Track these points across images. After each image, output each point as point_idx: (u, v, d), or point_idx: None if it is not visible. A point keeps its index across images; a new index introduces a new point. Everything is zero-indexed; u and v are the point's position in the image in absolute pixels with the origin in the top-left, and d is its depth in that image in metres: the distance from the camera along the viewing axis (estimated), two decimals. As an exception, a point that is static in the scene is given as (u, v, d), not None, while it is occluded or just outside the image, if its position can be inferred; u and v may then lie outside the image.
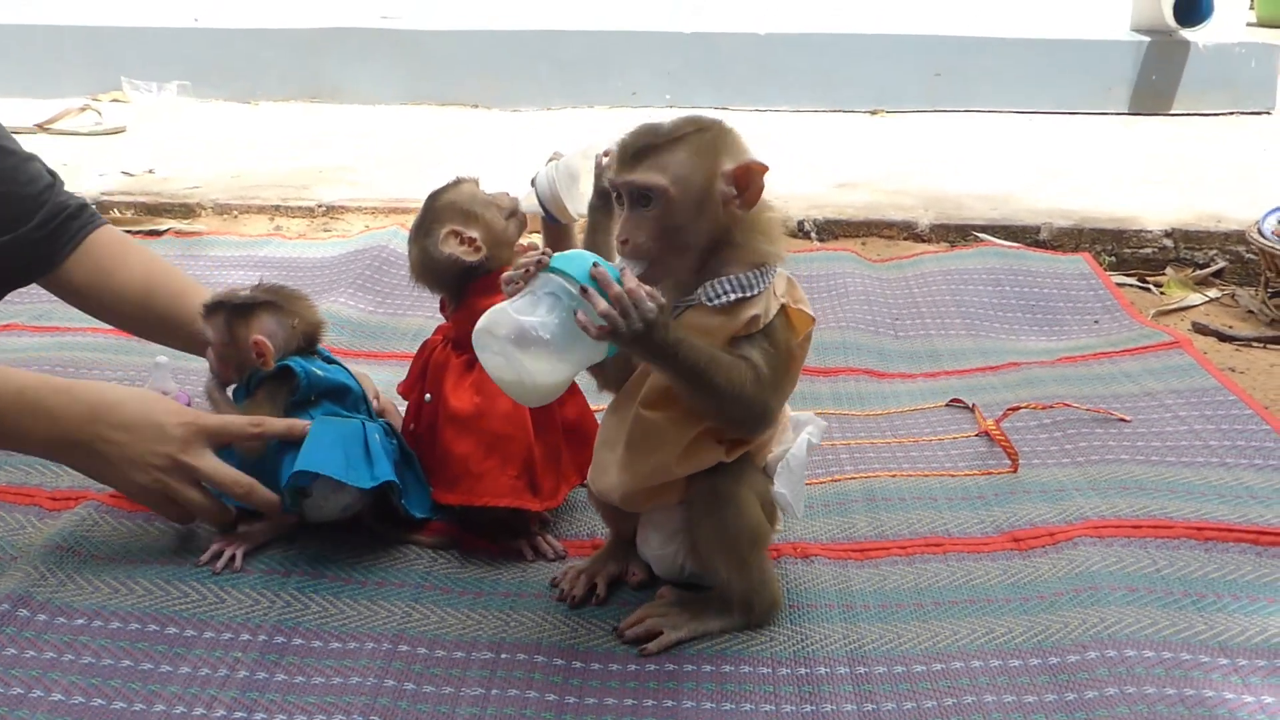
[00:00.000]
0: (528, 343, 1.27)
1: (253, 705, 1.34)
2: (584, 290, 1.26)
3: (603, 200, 1.55)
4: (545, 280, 1.29)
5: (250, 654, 1.43)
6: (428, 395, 1.73)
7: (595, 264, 1.26)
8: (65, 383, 1.61)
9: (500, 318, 1.29)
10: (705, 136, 1.37)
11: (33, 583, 1.52)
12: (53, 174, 1.97)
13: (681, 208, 1.34)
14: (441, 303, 1.78)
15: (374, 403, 1.78)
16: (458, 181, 1.75)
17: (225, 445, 1.62)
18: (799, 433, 1.50)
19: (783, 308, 1.39)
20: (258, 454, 1.63)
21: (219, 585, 1.56)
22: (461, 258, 1.66)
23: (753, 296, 1.37)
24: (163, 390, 1.90)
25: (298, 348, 1.72)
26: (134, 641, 1.44)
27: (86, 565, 1.58)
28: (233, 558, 1.61)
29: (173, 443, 1.56)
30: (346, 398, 1.73)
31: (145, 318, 1.96)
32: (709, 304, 1.37)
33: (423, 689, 1.37)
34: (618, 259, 1.36)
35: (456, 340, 1.72)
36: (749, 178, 1.35)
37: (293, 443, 1.60)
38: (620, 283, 1.26)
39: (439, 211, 1.69)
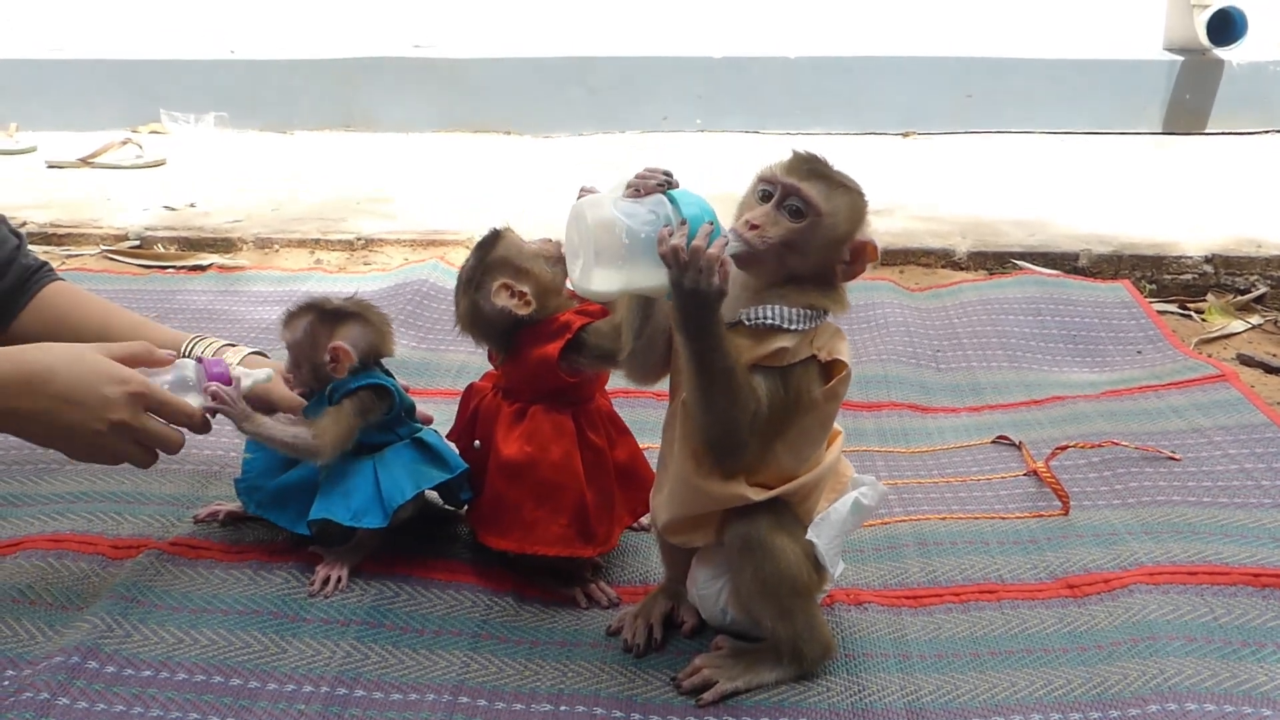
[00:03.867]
0: (608, 236, 1.31)
1: (319, 760, 1.35)
2: (681, 224, 1.30)
3: None
4: (658, 200, 1.34)
5: (314, 706, 1.45)
6: (476, 442, 1.76)
7: (675, 212, 1.32)
8: None
9: (601, 202, 1.34)
10: (860, 200, 1.44)
11: (100, 634, 1.54)
12: (18, 234, 2.01)
13: (817, 239, 1.39)
14: (490, 352, 1.79)
15: None
16: (501, 233, 1.76)
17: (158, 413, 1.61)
18: (855, 491, 1.50)
19: (813, 359, 1.41)
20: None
21: (280, 635, 1.58)
22: (515, 310, 1.68)
23: (788, 330, 1.39)
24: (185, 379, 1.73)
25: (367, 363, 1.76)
26: (200, 693, 1.46)
27: (151, 615, 1.60)
28: (339, 579, 1.68)
29: (118, 409, 1.54)
30: (414, 414, 1.83)
31: None
32: (746, 323, 1.40)
33: (484, 742, 1.39)
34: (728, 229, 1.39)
35: (507, 390, 1.74)
36: (864, 255, 1.42)
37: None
38: (709, 244, 1.29)
39: (490, 266, 1.71)
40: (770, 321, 1.39)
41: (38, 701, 1.40)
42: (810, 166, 1.42)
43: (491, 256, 1.72)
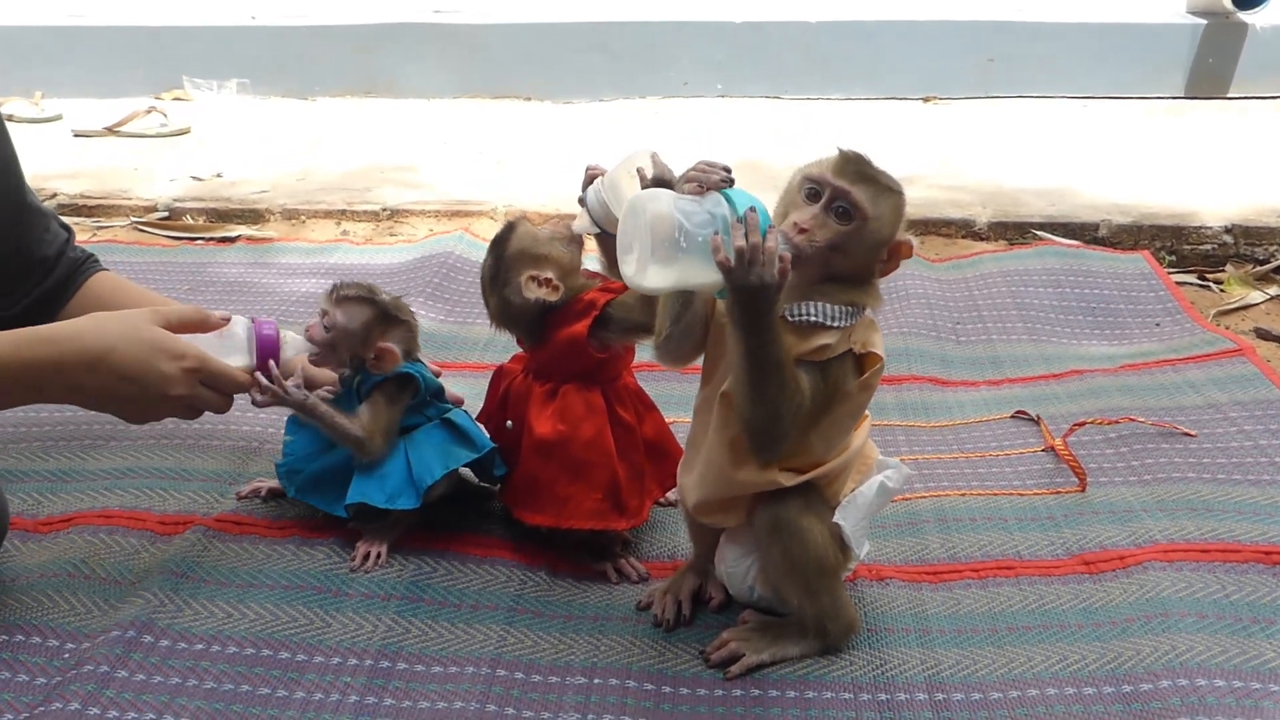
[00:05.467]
0: (665, 234, 1.32)
1: (365, 730, 1.42)
2: (737, 223, 1.32)
3: None
4: (715, 199, 1.36)
5: (359, 678, 1.51)
6: (509, 422, 1.81)
7: (752, 209, 1.33)
8: (47, 331, 1.58)
9: (662, 197, 1.36)
10: (902, 202, 1.46)
11: (153, 609, 1.61)
12: (67, 228, 2.06)
13: (864, 242, 1.43)
14: (519, 338, 1.84)
15: None
16: (514, 225, 1.80)
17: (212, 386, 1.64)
18: (880, 474, 1.55)
19: (850, 353, 1.46)
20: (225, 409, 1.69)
21: (324, 610, 1.65)
22: (545, 299, 1.72)
23: (830, 327, 1.43)
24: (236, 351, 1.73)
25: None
26: (250, 666, 1.53)
27: (200, 590, 1.67)
28: (378, 555, 1.75)
29: (176, 385, 1.58)
30: (442, 395, 1.88)
31: None
32: (789, 319, 1.44)
33: (522, 714, 1.45)
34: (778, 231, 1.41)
35: (538, 371, 1.79)
36: (899, 254, 1.46)
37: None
38: (764, 238, 1.32)
39: (511, 261, 1.75)
40: (814, 319, 1.43)
41: (98, 674, 1.47)
42: (858, 168, 1.43)
43: (509, 251, 1.76)
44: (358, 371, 1.79)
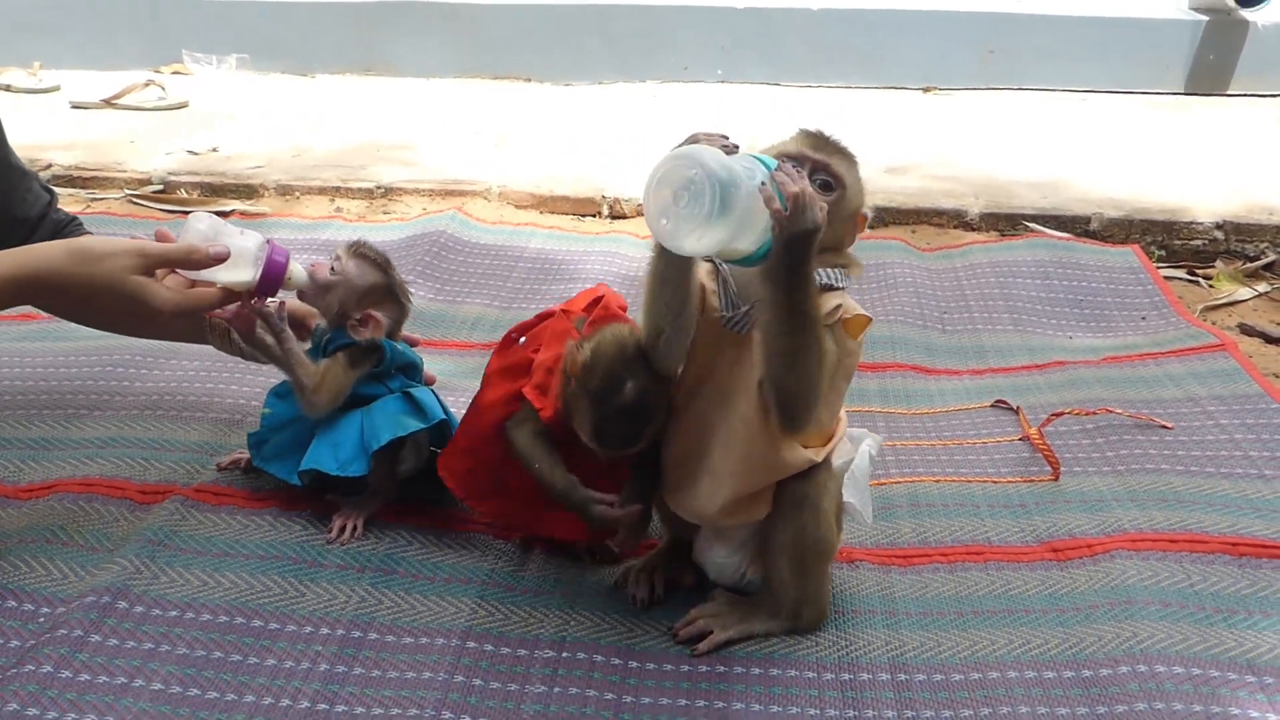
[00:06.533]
0: (717, 184, 1.25)
1: (334, 697, 1.44)
2: (778, 172, 1.32)
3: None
4: (744, 156, 1.35)
5: (330, 647, 1.53)
6: None
7: (781, 159, 1.37)
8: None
9: (711, 150, 1.30)
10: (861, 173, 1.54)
11: (129, 575, 1.63)
12: (49, 190, 2.07)
13: (842, 209, 1.49)
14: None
15: None
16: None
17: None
18: (857, 446, 1.58)
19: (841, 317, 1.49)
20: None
21: (299, 580, 1.67)
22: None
23: (838, 288, 1.48)
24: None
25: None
26: (223, 634, 1.55)
27: (177, 558, 1.69)
28: (355, 528, 1.77)
29: (124, 284, 1.56)
30: (415, 373, 1.89)
31: None
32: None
33: (490, 685, 1.47)
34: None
35: None
36: (860, 224, 1.55)
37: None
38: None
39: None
40: (825, 281, 1.46)
41: (72, 638, 1.49)
42: (829, 142, 1.51)
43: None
44: (335, 327, 1.80)
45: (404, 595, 1.65)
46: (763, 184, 1.30)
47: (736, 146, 1.39)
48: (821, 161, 1.48)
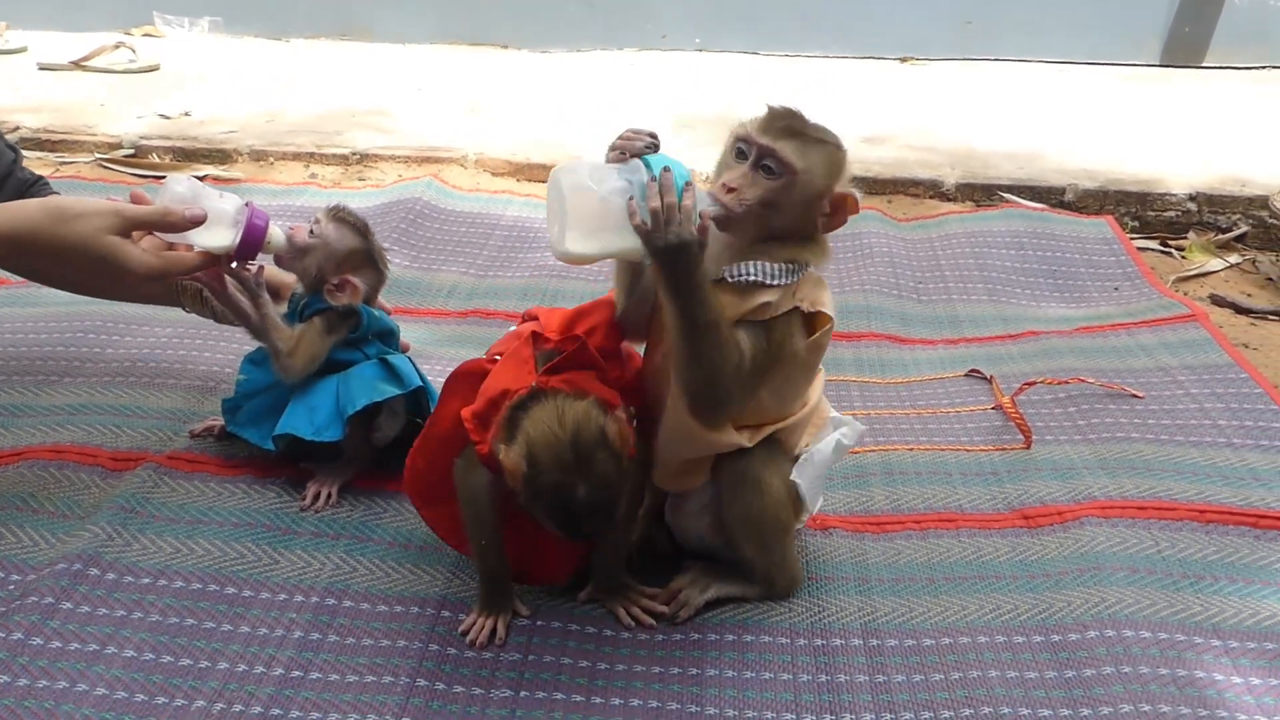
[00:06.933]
0: (581, 204, 1.34)
1: (308, 665, 1.44)
2: (651, 182, 1.33)
3: None
4: (635, 166, 1.37)
5: (304, 615, 1.53)
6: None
7: (666, 169, 1.34)
8: None
9: (579, 169, 1.37)
10: (837, 154, 1.45)
11: (101, 543, 1.62)
12: (14, 149, 2.03)
13: (794, 197, 1.42)
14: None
15: None
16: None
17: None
18: (836, 431, 1.58)
19: (796, 310, 1.45)
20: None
21: (273, 547, 1.66)
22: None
23: (770, 285, 1.43)
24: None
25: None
26: (196, 601, 1.55)
27: (149, 526, 1.68)
28: (329, 495, 1.77)
29: (98, 246, 1.54)
30: (392, 340, 1.89)
31: None
32: (730, 280, 1.43)
33: (465, 653, 1.48)
34: (705, 196, 1.41)
35: None
36: (845, 207, 1.44)
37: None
38: (680, 199, 1.33)
39: None
40: (753, 278, 1.42)
41: (42, 605, 1.49)
42: (786, 123, 1.42)
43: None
44: (311, 291, 1.79)
45: (379, 563, 1.65)
46: (630, 198, 1.33)
47: (655, 146, 1.40)
48: (766, 147, 1.40)
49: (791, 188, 1.41)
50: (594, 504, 1.37)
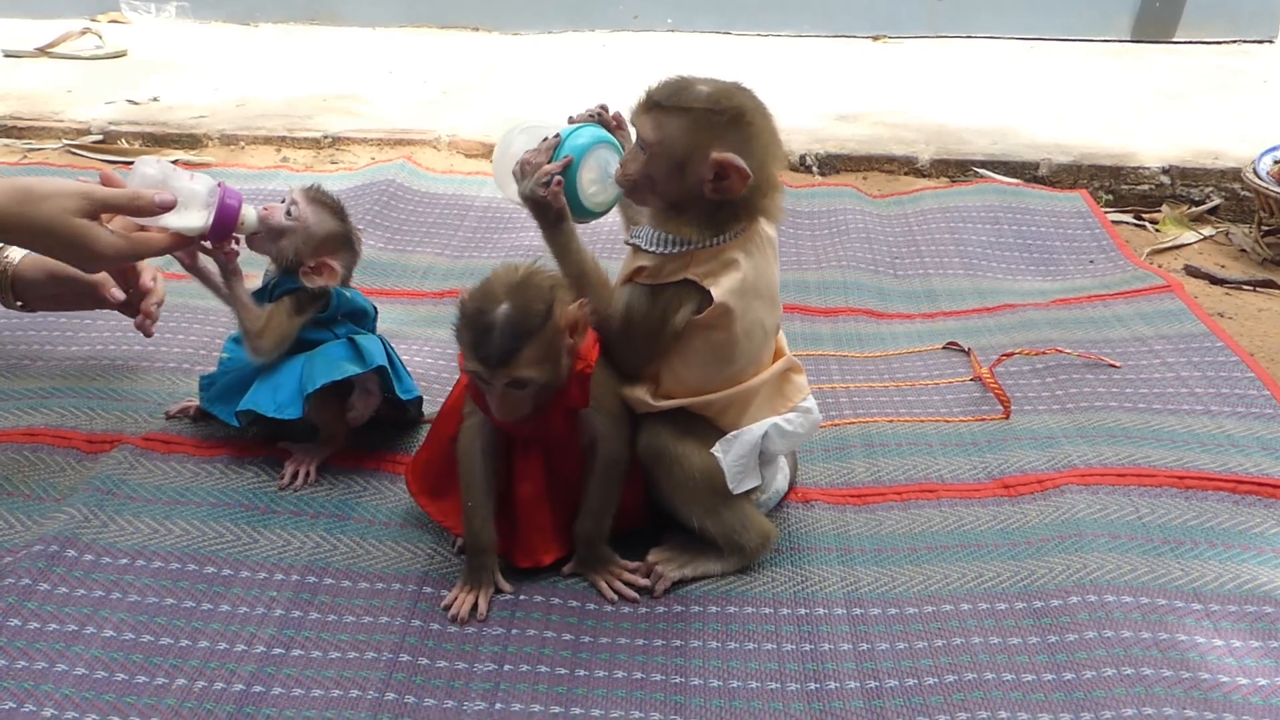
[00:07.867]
0: (503, 150, 1.58)
1: (290, 642, 1.43)
2: (542, 142, 1.52)
3: None
4: (563, 131, 1.55)
5: (285, 593, 1.52)
6: None
7: (558, 135, 1.52)
8: None
9: (531, 129, 1.57)
10: (713, 117, 1.44)
11: (77, 525, 1.60)
12: None
13: (660, 165, 1.46)
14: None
15: None
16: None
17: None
18: (806, 419, 1.61)
19: (689, 283, 1.47)
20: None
21: (251, 526, 1.65)
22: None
23: (646, 250, 1.50)
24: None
25: None
26: (176, 580, 1.53)
27: (126, 507, 1.66)
28: (307, 474, 1.76)
29: (67, 227, 1.53)
30: (365, 320, 1.87)
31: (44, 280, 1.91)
32: (627, 241, 1.55)
33: (447, 629, 1.47)
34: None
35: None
36: (727, 172, 1.43)
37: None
38: (560, 162, 1.49)
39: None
40: (634, 242, 1.53)
41: (19, 587, 1.47)
42: (652, 99, 1.46)
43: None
44: (284, 272, 1.77)
45: (359, 541, 1.64)
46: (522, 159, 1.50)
47: (599, 115, 1.60)
48: (635, 124, 1.48)
49: (655, 159, 1.47)
50: (505, 325, 1.39)
